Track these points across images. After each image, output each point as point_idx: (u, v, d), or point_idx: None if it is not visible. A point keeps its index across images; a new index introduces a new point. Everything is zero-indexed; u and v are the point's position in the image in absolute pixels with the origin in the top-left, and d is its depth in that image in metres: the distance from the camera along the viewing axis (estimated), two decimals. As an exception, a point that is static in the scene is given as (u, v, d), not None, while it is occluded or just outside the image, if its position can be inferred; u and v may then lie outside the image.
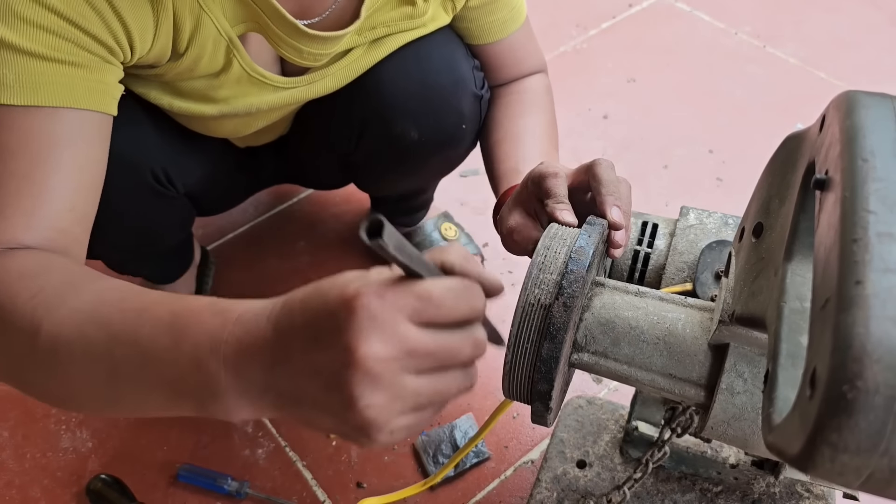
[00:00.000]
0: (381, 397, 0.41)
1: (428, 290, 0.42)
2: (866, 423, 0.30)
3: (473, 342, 0.45)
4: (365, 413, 0.41)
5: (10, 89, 0.61)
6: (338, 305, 0.41)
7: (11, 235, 0.60)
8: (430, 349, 0.42)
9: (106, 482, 1.02)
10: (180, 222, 1.04)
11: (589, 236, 0.61)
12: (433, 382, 0.43)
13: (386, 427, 0.42)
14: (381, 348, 0.40)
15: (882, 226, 0.32)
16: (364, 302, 0.40)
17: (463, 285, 0.44)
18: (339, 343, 0.40)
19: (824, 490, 0.85)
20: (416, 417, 0.43)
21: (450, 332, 0.43)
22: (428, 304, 0.42)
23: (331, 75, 0.87)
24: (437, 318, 0.42)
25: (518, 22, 0.95)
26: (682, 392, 0.62)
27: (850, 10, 1.86)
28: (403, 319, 0.41)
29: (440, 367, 0.43)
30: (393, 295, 0.41)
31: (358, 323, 0.40)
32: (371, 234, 0.37)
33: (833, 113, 0.40)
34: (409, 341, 0.41)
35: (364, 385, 0.40)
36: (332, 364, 0.41)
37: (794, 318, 0.43)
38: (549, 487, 0.90)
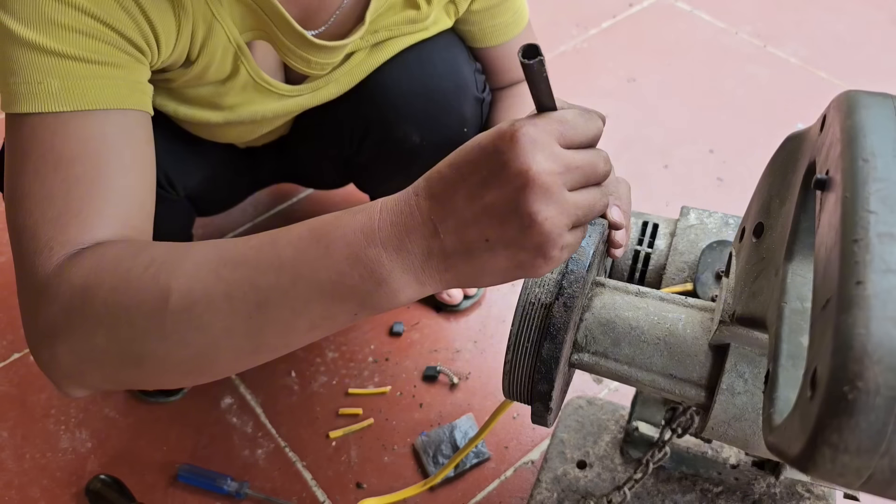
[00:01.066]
0: (553, 209, 0.46)
1: (565, 115, 0.49)
2: (867, 423, 0.30)
3: (604, 158, 0.51)
4: (544, 226, 0.46)
5: (57, 97, 0.60)
6: (497, 142, 0.47)
7: (90, 235, 0.59)
8: (579, 164, 0.48)
9: (105, 482, 1.02)
10: (181, 224, 1.04)
11: (589, 236, 0.61)
12: (584, 196, 0.49)
13: (559, 240, 0.47)
14: (548, 164, 0.46)
15: (883, 226, 0.32)
16: (524, 131, 0.46)
17: (586, 111, 0.51)
18: (511, 171, 0.46)
19: (825, 490, 0.85)
20: (575, 235, 0.50)
21: (586, 151, 0.50)
22: (568, 127, 0.49)
23: (334, 81, 0.87)
24: (576, 138, 0.49)
25: (520, 26, 0.95)
26: (682, 392, 0.61)
27: (851, 10, 1.86)
28: (555, 141, 0.48)
29: (586, 183, 0.50)
30: (543, 122, 0.48)
31: (524, 147, 0.46)
32: (528, 55, 0.44)
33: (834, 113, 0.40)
34: (566, 158, 0.48)
35: (540, 200, 0.46)
36: (505, 195, 0.46)
37: (794, 319, 0.43)
38: (550, 488, 0.90)
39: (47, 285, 0.57)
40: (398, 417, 1.11)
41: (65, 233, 0.58)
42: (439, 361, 1.18)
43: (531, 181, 0.45)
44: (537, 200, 0.46)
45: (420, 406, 1.13)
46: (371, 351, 1.19)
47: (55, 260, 0.57)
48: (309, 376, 1.16)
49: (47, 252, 0.58)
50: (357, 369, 1.17)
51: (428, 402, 1.13)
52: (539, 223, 0.46)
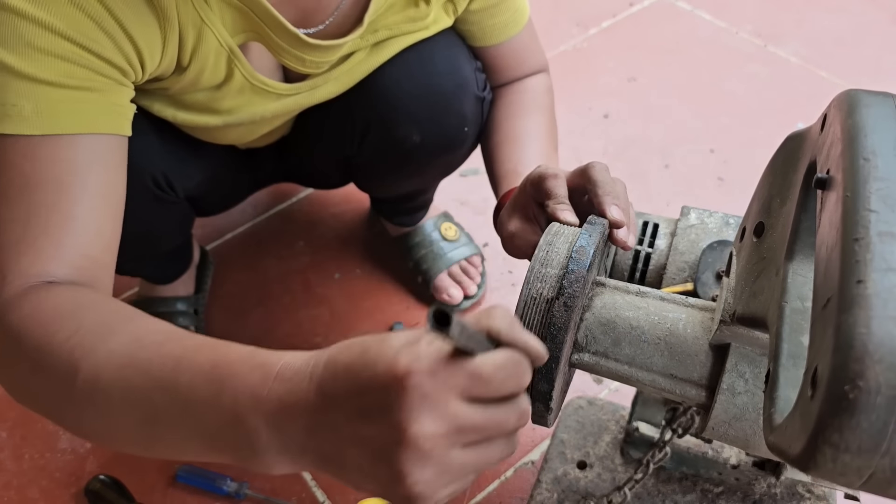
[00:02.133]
0: (429, 473, 0.42)
1: (479, 368, 0.42)
2: (868, 423, 0.30)
3: (519, 413, 0.45)
4: (413, 489, 0.42)
5: (28, 120, 0.60)
6: (388, 381, 0.41)
7: (42, 267, 0.60)
8: (478, 425, 0.43)
9: (104, 483, 1.02)
10: (180, 225, 1.04)
11: (590, 236, 0.61)
12: (479, 454, 0.44)
13: (433, 498, 0.43)
14: (432, 427, 0.41)
15: (883, 225, 0.32)
16: (416, 381, 0.40)
17: (512, 362, 0.44)
18: (390, 420, 0.41)
19: (826, 490, 0.85)
20: (460, 484, 0.45)
21: (496, 405, 0.44)
22: (478, 383, 0.42)
23: (333, 80, 0.87)
24: (487, 395, 0.43)
25: (520, 24, 0.95)
26: (682, 392, 0.61)
27: (852, 9, 1.86)
28: (454, 397, 0.41)
29: (486, 439, 0.44)
30: (445, 373, 0.41)
31: (409, 402, 0.40)
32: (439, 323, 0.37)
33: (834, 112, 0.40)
34: (459, 419, 0.42)
35: (413, 462, 0.41)
36: (380, 438, 0.41)
37: (795, 318, 0.43)
38: (550, 488, 0.90)
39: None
40: (398, 417, 1.11)
41: (19, 261, 0.60)
42: (439, 361, 1.18)
43: (406, 442, 0.40)
44: (408, 462, 0.41)
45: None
46: (371, 351, 1.19)
47: (7, 290, 0.59)
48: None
49: (1, 279, 0.60)
50: (357, 369, 1.17)
51: (428, 403, 1.13)
52: (408, 485, 0.42)
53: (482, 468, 0.45)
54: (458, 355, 0.42)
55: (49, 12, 0.59)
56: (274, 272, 1.31)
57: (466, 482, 0.45)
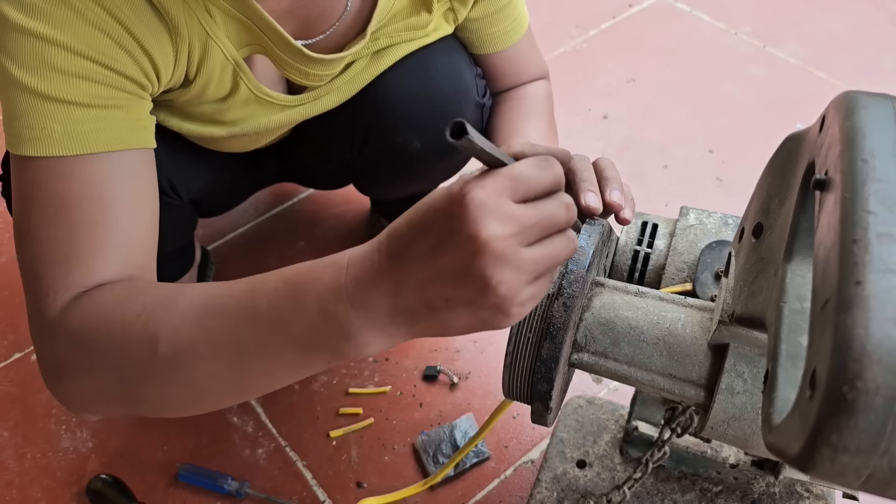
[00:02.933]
0: (509, 272, 0.46)
1: (516, 170, 0.47)
2: (866, 423, 0.30)
3: (565, 205, 0.50)
4: (500, 290, 0.46)
5: (59, 142, 0.61)
6: (448, 207, 0.46)
7: (93, 278, 0.62)
8: (534, 220, 0.47)
9: (106, 482, 1.02)
10: (183, 228, 1.04)
11: (589, 236, 0.62)
12: (545, 249, 0.48)
13: (518, 298, 0.47)
14: (499, 229, 0.45)
15: (882, 226, 0.32)
16: (472, 195, 0.45)
17: (540, 159, 0.49)
18: (461, 237, 0.45)
19: (824, 490, 0.85)
20: (538, 286, 0.49)
21: (543, 202, 0.49)
22: (520, 182, 0.47)
23: (335, 90, 0.87)
24: (531, 191, 0.48)
25: (520, 32, 0.95)
26: (681, 392, 0.62)
27: (851, 10, 1.86)
28: (507, 200, 0.46)
29: (546, 234, 0.48)
30: (492, 182, 0.46)
31: (472, 213, 0.45)
32: (456, 135, 0.42)
33: (833, 113, 0.40)
34: (519, 217, 0.46)
35: (493, 265, 0.45)
36: (458, 260, 0.46)
37: (793, 319, 0.43)
38: (549, 487, 0.90)
39: (52, 328, 0.61)
40: (398, 417, 1.11)
41: (68, 277, 0.61)
42: (439, 361, 1.18)
43: (482, 248, 0.45)
44: (490, 265, 0.45)
45: (420, 406, 1.13)
46: (371, 351, 1.19)
47: (59, 304, 0.61)
48: (309, 376, 1.16)
49: (52, 295, 0.61)
50: (357, 369, 1.17)
51: (428, 402, 1.13)
52: (494, 286, 0.46)
53: (552, 265, 0.49)
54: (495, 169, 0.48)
55: (68, 34, 0.60)
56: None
57: (543, 285, 0.49)
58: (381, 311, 0.49)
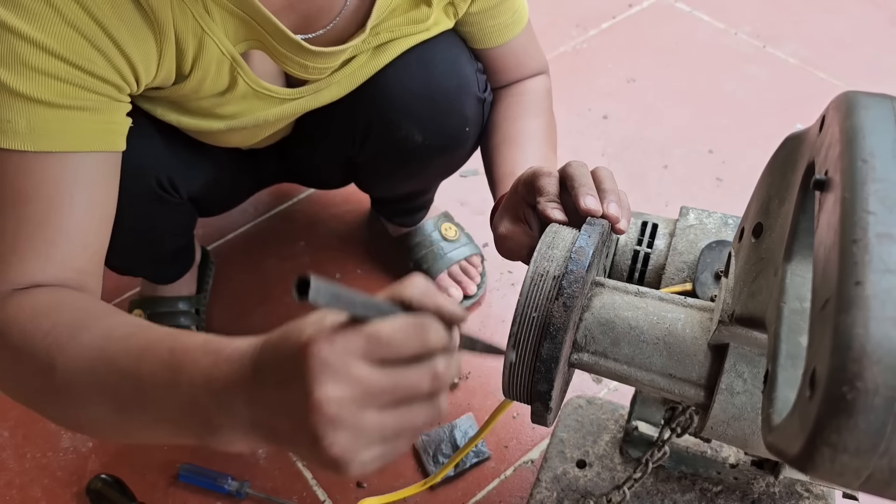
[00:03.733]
0: (343, 436, 0.43)
1: (376, 330, 0.43)
2: (866, 423, 0.30)
3: (432, 376, 0.45)
4: (331, 451, 0.43)
5: (22, 137, 0.62)
6: (295, 351, 0.43)
7: (29, 277, 0.63)
8: (385, 386, 0.43)
9: (106, 482, 1.02)
10: (183, 226, 1.04)
11: (589, 236, 0.62)
12: (396, 416, 0.44)
13: (356, 460, 0.44)
14: (335, 391, 0.42)
15: (882, 227, 0.32)
16: (315, 349, 0.42)
17: (413, 322, 0.44)
18: (300, 388, 0.42)
19: (824, 490, 0.85)
20: (386, 448, 0.45)
21: (406, 367, 0.44)
22: (377, 344, 0.43)
23: (335, 83, 0.87)
24: (390, 356, 0.43)
25: (520, 26, 0.95)
26: (681, 392, 0.62)
27: (850, 10, 1.86)
28: (356, 361, 0.42)
29: (402, 401, 0.44)
30: (342, 339, 0.42)
31: (311, 369, 0.42)
32: (301, 291, 0.38)
33: (833, 113, 0.40)
34: (363, 381, 0.42)
35: (325, 426, 0.42)
36: (296, 406, 0.43)
37: (793, 319, 0.43)
38: (549, 487, 0.90)
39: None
40: (398, 417, 1.11)
41: (5, 273, 0.63)
42: (439, 361, 1.18)
43: (314, 407, 0.42)
44: (320, 426, 0.42)
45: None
46: (371, 351, 1.19)
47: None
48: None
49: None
50: (357, 369, 1.17)
51: (428, 402, 1.13)
52: (325, 446, 0.43)
53: (408, 430, 0.45)
54: (356, 323, 0.43)
55: (44, 32, 0.60)
56: (275, 272, 1.31)
57: (396, 446, 0.46)
58: (241, 418, 0.47)
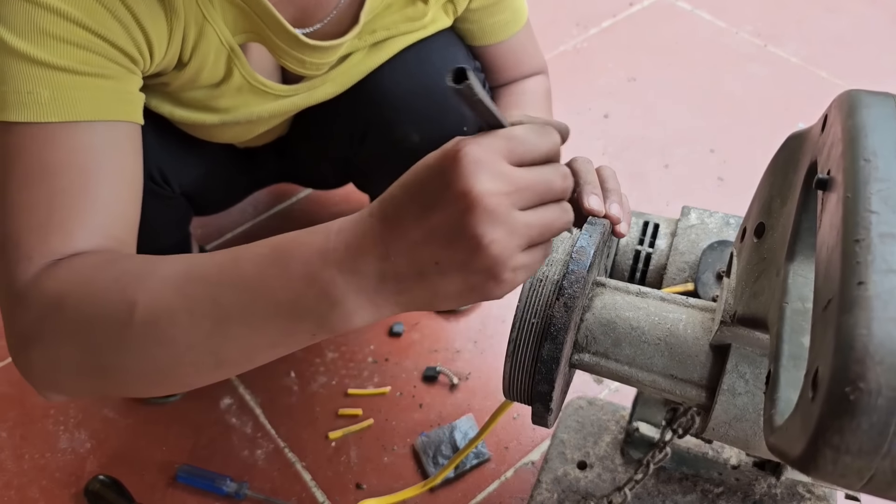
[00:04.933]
0: (501, 231, 0.45)
1: (513, 132, 0.47)
2: (868, 424, 0.29)
3: (562, 174, 0.49)
4: (491, 249, 0.45)
5: (46, 107, 0.60)
6: (442, 163, 0.45)
7: (70, 246, 0.60)
8: (530, 183, 0.46)
9: (104, 483, 1.02)
10: (177, 221, 1.04)
11: (590, 236, 0.61)
12: (539, 215, 0.47)
13: (510, 262, 0.46)
14: (492, 185, 0.44)
15: (884, 226, 0.32)
16: (466, 150, 0.45)
17: (539, 126, 0.49)
18: (453, 193, 0.44)
19: (826, 491, 0.85)
20: (531, 255, 0.48)
21: (540, 168, 0.48)
22: (517, 144, 0.47)
23: (331, 80, 0.87)
24: (527, 155, 0.47)
25: (519, 24, 0.95)
26: (683, 393, 0.61)
27: (852, 9, 1.86)
28: (502, 159, 0.46)
29: (541, 201, 0.47)
30: (487, 141, 0.46)
31: (466, 168, 0.44)
32: (457, 79, 0.41)
33: (835, 112, 0.40)
34: (513, 177, 0.45)
35: (485, 222, 0.44)
36: (450, 218, 0.45)
37: (796, 319, 0.43)
38: (550, 488, 0.90)
39: (24, 294, 0.58)
40: (398, 418, 1.11)
41: (46, 243, 0.60)
42: (439, 362, 1.18)
43: (474, 203, 0.44)
44: (482, 223, 0.44)
45: (420, 406, 1.13)
46: (371, 351, 1.19)
47: (33, 269, 0.59)
48: (308, 377, 1.16)
49: (26, 261, 0.59)
50: (357, 370, 1.17)
51: (428, 403, 1.13)
52: (485, 246, 0.44)
53: (546, 233, 0.48)
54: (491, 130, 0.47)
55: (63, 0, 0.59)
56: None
57: (536, 256, 0.48)
58: (369, 276, 0.47)
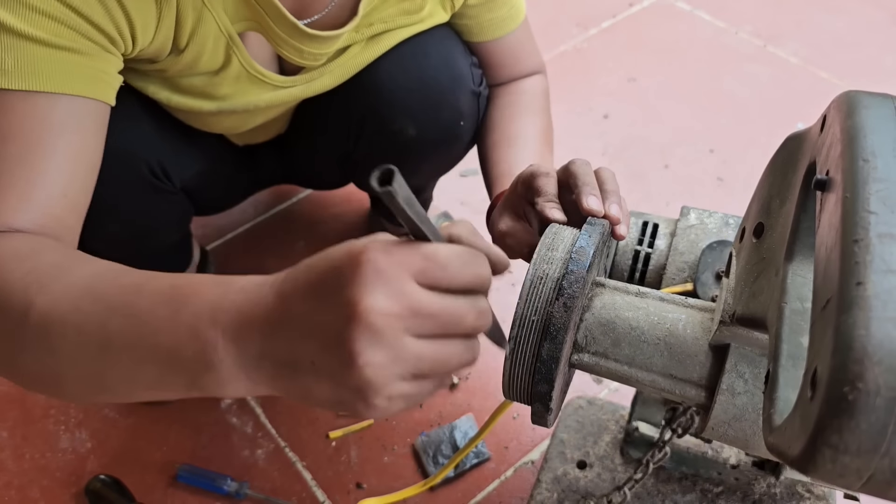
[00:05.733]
0: (381, 355, 0.40)
1: (434, 251, 0.42)
2: (867, 424, 0.30)
3: (477, 311, 0.44)
4: (364, 371, 0.40)
5: (8, 74, 0.60)
6: (343, 261, 0.41)
7: (6, 219, 0.59)
8: (433, 311, 0.41)
9: (105, 483, 1.02)
10: (177, 219, 1.04)
11: (590, 236, 0.61)
12: (435, 348, 0.42)
13: (384, 390, 0.41)
14: (385, 303, 0.40)
15: (883, 227, 0.32)
16: (370, 256, 0.40)
17: (469, 253, 0.44)
18: (343, 297, 0.40)
19: (825, 491, 0.85)
20: (416, 387, 0.43)
21: (454, 297, 0.43)
22: (434, 265, 0.41)
23: (328, 73, 0.87)
24: (442, 281, 0.42)
25: (517, 20, 0.95)
26: (682, 393, 0.61)
27: (851, 10, 1.86)
28: (409, 278, 0.41)
29: (443, 334, 0.43)
30: (400, 253, 0.41)
31: (363, 276, 0.40)
32: (382, 182, 0.36)
33: (834, 113, 0.40)
34: (414, 300, 0.41)
35: (364, 340, 0.40)
36: (333, 321, 0.40)
37: (794, 319, 0.43)
38: (550, 488, 0.90)
39: None
40: (398, 417, 1.11)
41: None
42: (439, 361, 1.18)
43: (358, 317, 0.39)
44: (360, 340, 0.40)
45: (420, 406, 1.13)
46: (371, 351, 1.19)
47: None
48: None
49: None
50: (357, 369, 1.17)
51: (428, 403, 1.13)
52: (359, 366, 0.40)
53: (439, 369, 0.43)
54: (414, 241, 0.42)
55: None
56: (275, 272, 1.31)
57: (424, 388, 0.43)
58: (249, 350, 0.44)
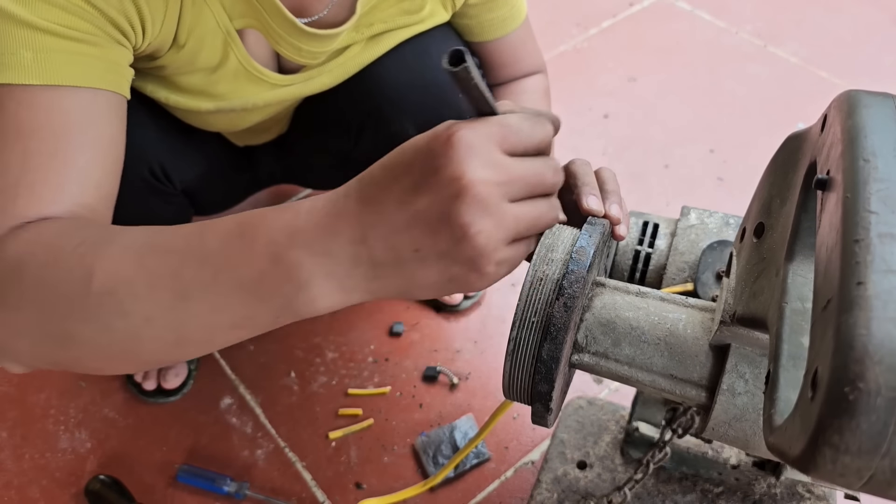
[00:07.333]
0: (489, 222, 0.43)
1: (507, 120, 0.46)
2: (868, 424, 0.30)
3: (553, 167, 0.48)
4: (476, 240, 0.43)
5: (28, 69, 0.59)
6: (432, 144, 0.44)
7: (38, 210, 0.58)
8: (521, 174, 0.45)
9: (105, 483, 1.02)
10: (177, 220, 1.04)
11: (590, 236, 0.61)
12: (528, 209, 0.46)
13: (494, 256, 0.44)
14: (483, 173, 0.43)
15: (884, 226, 0.32)
16: (460, 134, 0.43)
17: (533, 115, 0.48)
18: (443, 176, 0.43)
19: (825, 491, 0.85)
20: (515, 250, 0.47)
21: (532, 159, 0.47)
22: (511, 132, 0.45)
23: (327, 72, 0.87)
24: (520, 144, 0.46)
25: (518, 20, 0.95)
26: (682, 393, 0.61)
27: (852, 10, 1.86)
28: (496, 147, 0.44)
29: (530, 194, 0.46)
30: (481, 126, 0.44)
31: (459, 153, 0.43)
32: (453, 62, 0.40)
33: (834, 113, 0.40)
34: (505, 166, 0.44)
35: (474, 210, 0.43)
36: (437, 202, 0.43)
37: (795, 319, 0.43)
38: (550, 488, 0.90)
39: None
40: (398, 418, 1.11)
41: (14, 204, 0.58)
42: (439, 361, 1.18)
43: (464, 190, 0.42)
44: (470, 211, 0.42)
45: (420, 406, 1.13)
46: (371, 351, 1.19)
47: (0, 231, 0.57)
48: (308, 376, 1.16)
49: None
50: (357, 369, 1.17)
51: (428, 403, 1.13)
52: (471, 236, 0.43)
53: (533, 227, 0.47)
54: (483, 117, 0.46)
55: None
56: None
57: (521, 250, 0.47)
58: (340, 260, 0.45)
